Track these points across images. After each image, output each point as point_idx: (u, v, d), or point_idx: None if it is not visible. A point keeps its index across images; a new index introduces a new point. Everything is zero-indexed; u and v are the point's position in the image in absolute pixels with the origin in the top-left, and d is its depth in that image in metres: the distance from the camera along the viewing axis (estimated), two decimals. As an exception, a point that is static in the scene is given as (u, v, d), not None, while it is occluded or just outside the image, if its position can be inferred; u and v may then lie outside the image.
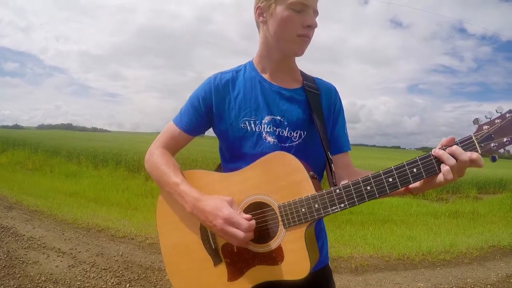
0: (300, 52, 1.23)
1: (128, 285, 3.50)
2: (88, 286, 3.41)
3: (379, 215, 7.82)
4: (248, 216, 1.10)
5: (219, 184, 1.21)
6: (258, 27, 1.28)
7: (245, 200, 1.15)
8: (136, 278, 3.67)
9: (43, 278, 3.46)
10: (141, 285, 3.54)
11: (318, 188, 1.10)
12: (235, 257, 1.17)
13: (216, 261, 1.20)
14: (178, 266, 1.28)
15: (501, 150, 0.97)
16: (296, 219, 1.08)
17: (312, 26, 1.17)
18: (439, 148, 0.97)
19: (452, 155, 0.95)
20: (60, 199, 7.42)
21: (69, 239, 4.71)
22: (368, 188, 1.02)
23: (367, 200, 1.02)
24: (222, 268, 1.19)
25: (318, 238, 1.28)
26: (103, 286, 3.44)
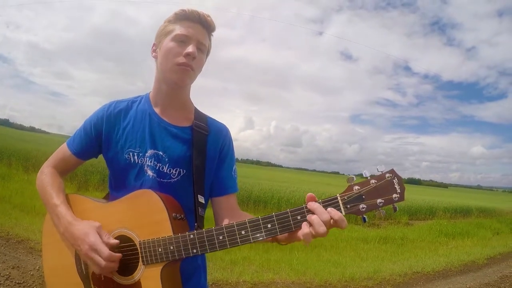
0: (179, 82, 1.24)
1: (41, 303, 3.30)
2: (-3, 302, 3.17)
3: (309, 240, 7.80)
4: (114, 242, 1.13)
5: (93, 213, 1.23)
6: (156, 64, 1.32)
7: (112, 232, 1.18)
8: (50, 295, 3.46)
9: (-50, 291, 3.17)
10: (55, 304, 3.33)
11: (181, 229, 1.12)
12: (102, 285, 1.18)
13: (87, 287, 1.21)
14: None
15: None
16: (153, 257, 1.10)
17: (190, 55, 1.19)
18: (305, 205, 0.99)
19: (313, 212, 0.96)
20: (-17, 203, 6.85)
21: (-15, 249, 4.37)
22: (220, 238, 1.04)
23: (218, 249, 1.05)
24: None
25: (192, 275, 1.31)
26: (14, 302, 3.21)
